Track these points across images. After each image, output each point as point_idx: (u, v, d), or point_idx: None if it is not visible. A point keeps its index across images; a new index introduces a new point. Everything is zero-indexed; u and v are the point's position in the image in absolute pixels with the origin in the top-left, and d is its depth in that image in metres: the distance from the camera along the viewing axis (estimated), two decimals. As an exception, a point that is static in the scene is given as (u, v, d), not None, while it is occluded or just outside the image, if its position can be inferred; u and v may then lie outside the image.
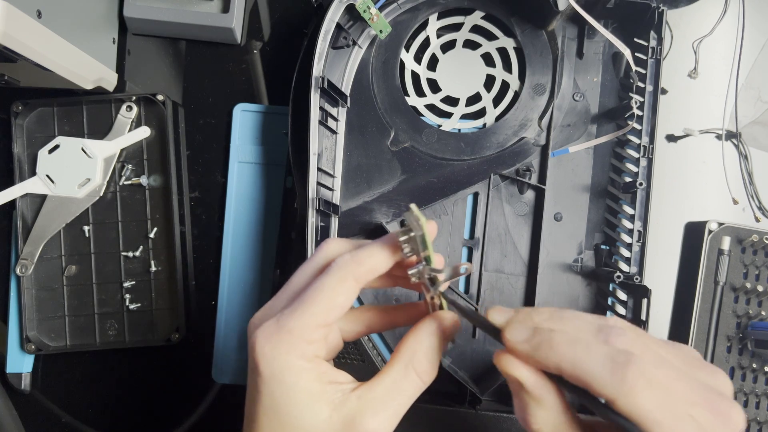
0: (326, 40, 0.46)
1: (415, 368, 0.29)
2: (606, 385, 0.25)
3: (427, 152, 0.49)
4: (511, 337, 0.27)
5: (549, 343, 0.26)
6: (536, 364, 0.27)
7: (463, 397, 0.45)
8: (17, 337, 0.51)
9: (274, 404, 0.28)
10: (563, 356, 0.26)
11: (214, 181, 0.53)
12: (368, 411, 0.28)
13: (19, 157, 0.51)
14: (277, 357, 0.28)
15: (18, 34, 0.37)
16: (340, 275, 0.29)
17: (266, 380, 0.28)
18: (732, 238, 0.49)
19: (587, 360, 0.25)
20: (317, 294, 0.29)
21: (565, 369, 0.26)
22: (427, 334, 0.30)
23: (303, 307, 0.28)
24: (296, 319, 0.28)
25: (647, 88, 0.47)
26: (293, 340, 0.28)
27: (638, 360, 0.25)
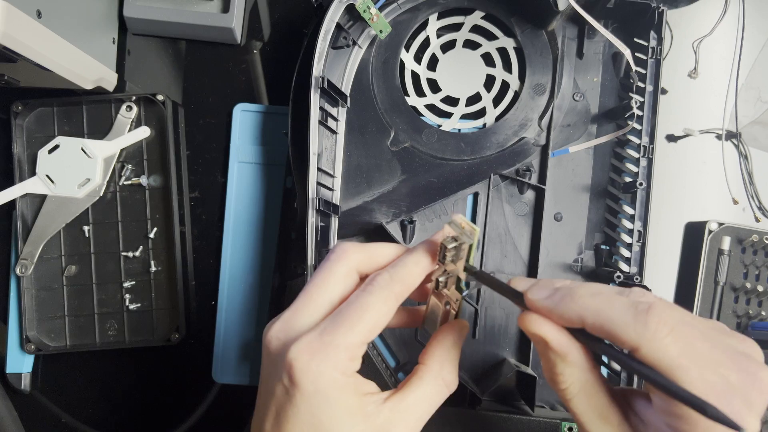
0: (326, 40, 0.46)
1: (444, 378, 0.31)
2: (629, 331, 0.25)
3: (427, 152, 0.49)
4: (533, 296, 0.28)
5: (571, 296, 0.27)
6: (559, 319, 0.27)
7: (463, 397, 0.45)
8: (17, 337, 0.51)
9: (314, 420, 0.28)
10: (585, 306, 0.26)
11: (214, 181, 0.53)
12: (401, 421, 0.29)
13: (18, 157, 0.51)
14: (324, 372, 0.28)
15: (18, 34, 0.37)
16: (384, 295, 0.29)
17: (307, 396, 0.28)
18: (732, 238, 0.49)
19: (609, 307, 0.25)
20: (363, 313, 0.29)
21: (587, 318, 0.26)
22: (451, 345, 0.31)
23: (348, 323, 0.29)
24: (342, 335, 0.28)
25: (647, 88, 0.47)
26: (339, 356, 0.28)
27: (660, 306, 0.25)
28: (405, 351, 0.49)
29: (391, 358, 0.49)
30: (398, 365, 0.49)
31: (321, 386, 0.28)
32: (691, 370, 0.24)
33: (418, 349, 0.49)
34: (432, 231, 0.49)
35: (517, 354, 0.48)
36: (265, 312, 0.51)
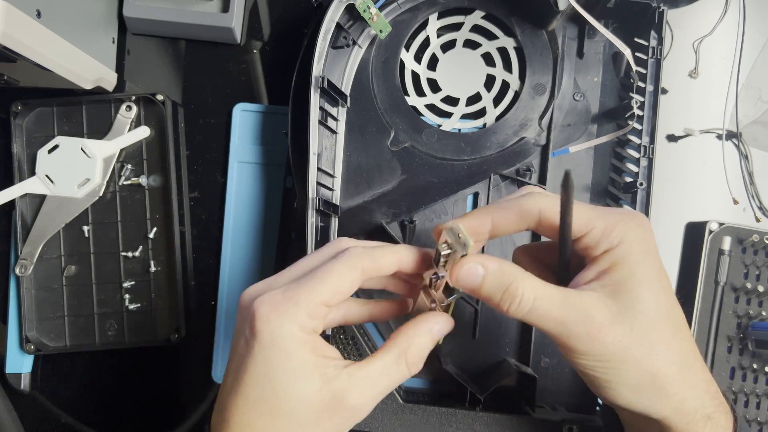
0: (326, 39, 0.46)
1: (406, 359, 0.31)
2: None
3: (427, 152, 0.49)
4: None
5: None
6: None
7: (463, 397, 0.45)
8: (17, 338, 0.51)
9: (268, 371, 0.29)
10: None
11: (214, 181, 0.53)
12: (356, 389, 0.30)
13: (18, 157, 0.51)
14: (282, 325, 0.29)
15: (18, 34, 0.37)
16: (351, 263, 0.31)
17: (265, 346, 0.29)
18: (732, 238, 0.49)
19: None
20: (326, 275, 0.30)
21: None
22: (424, 330, 0.32)
23: (311, 283, 0.30)
24: (304, 292, 0.30)
25: (647, 88, 0.47)
26: (299, 311, 0.29)
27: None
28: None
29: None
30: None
31: (278, 337, 0.29)
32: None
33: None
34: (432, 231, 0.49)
35: (517, 354, 0.48)
36: (265, 312, 0.51)
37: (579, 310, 0.29)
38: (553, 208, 0.31)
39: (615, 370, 0.30)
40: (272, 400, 0.29)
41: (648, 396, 0.30)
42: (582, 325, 0.29)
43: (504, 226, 0.32)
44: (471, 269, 0.30)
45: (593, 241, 0.31)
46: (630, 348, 0.30)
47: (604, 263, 0.30)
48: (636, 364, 0.30)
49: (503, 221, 0.32)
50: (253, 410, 0.30)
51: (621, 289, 0.30)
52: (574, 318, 0.29)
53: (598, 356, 0.30)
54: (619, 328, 0.29)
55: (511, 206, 0.32)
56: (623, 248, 0.30)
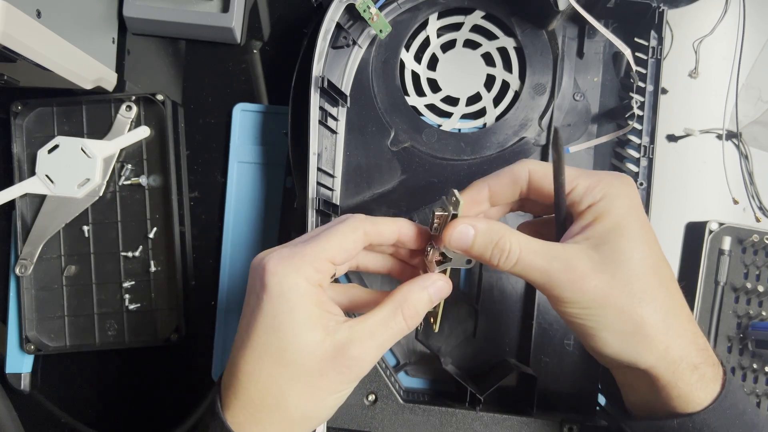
0: (326, 39, 0.46)
1: (403, 312, 0.32)
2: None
3: (427, 152, 0.49)
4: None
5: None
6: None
7: (463, 397, 0.45)
8: (17, 338, 0.51)
9: (275, 320, 0.31)
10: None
11: (213, 181, 0.53)
12: (357, 340, 0.31)
13: (18, 157, 0.51)
14: (288, 275, 0.31)
15: (18, 34, 0.37)
16: (353, 225, 0.33)
17: (272, 296, 0.31)
18: (732, 238, 0.49)
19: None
20: (330, 235, 0.32)
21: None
22: (419, 287, 0.33)
23: (316, 241, 0.32)
24: (309, 248, 0.32)
25: (648, 88, 0.47)
26: (304, 263, 0.31)
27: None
28: (405, 351, 0.49)
29: (391, 357, 0.49)
30: (398, 365, 0.49)
31: (285, 288, 0.31)
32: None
33: (419, 349, 0.49)
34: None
35: (517, 354, 0.48)
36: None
37: (562, 260, 0.31)
38: (540, 169, 0.34)
39: (598, 317, 0.31)
40: (278, 350, 0.31)
41: (633, 344, 0.32)
42: (564, 273, 0.31)
43: (499, 191, 0.35)
44: (462, 230, 0.32)
45: (577, 197, 0.33)
46: (611, 295, 0.31)
47: (588, 217, 0.32)
48: (619, 311, 0.31)
49: (498, 186, 0.35)
50: (260, 360, 0.31)
51: (603, 240, 0.32)
52: (557, 267, 0.31)
53: (581, 303, 0.31)
54: (600, 275, 0.31)
55: (503, 172, 0.35)
56: (606, 203, 0.32)
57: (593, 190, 0.33)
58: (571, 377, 0.48)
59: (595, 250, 0.31)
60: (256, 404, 0.31)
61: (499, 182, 0.35)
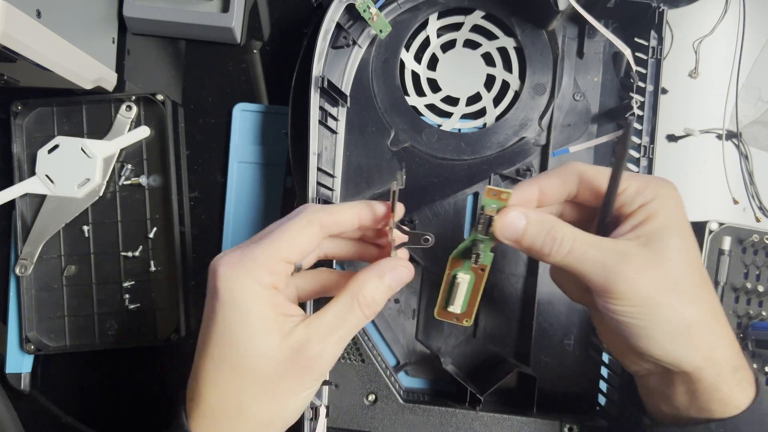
0: (326, 39, 0.46)
1: (359, 303, 0.32)
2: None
3: (427, 152, 0.49)
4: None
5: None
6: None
7: (463, 397, 0.45)
8: (17, 338, 0.51)
9: (228, 328, 0.30)
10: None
11: (213, 181, 0.53)
12: (314, 339, 0.30)
13: (18, 157, 0.51)
14: (237, 280, 0.30)
15: (18, 34, 0.37)
16: (307, 219, 0.32)
17: (223, 303, 0.30)
18: (732, 239, 0.49)
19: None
20: (283, 232, 0.31)
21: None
22: (376, 275, 0.33)
23: (267, 241, 0.31)
24: (260, 249, 0.31)
25: (648, 88, 0.47)
26: (255, 266, 0.30)
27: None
28: (405, 351, 0.49)
29: (391, 356, 0.49)
30: (398, 365, 0.49)
31: (236, 294, 0.30)
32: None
33: (419, 349, 0.49)
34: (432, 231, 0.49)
35: (517, 354, 0.48)
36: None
37: (617, 253, 0.31)
38: (591, 171, 0.34)
39: (651, 315, 0.31)
40: (234, 357, 0.30)
41: (682, 344, 0.31)
42: (620, 266, 0.30)
43: (550, 192, 0.34)
44: (514, 218, 0.32)
45: (629, 198, 0.33)
46: (664, 293, 0.31)
47: (639, 217, 0.32)
48: (671, 310, 0.31)
49: (548, 187, 0.34)
50: (218, 368, 0.30)
51: (654, 238, 0.31)
52: (612, 259, 0.31)
53: (634, 299, 0.31)
54: (652, 271, 0.31)
55: (552, 173, 0.35)
56: (656, 203, 0.32)
57: (644, 191, 0.33)
58: (571, 377, 0.48)
59: (646, 247, 0.31)
60: (218, 413, 0.31)
61: (550, 183, 0.35)
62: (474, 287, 0.37)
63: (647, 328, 0.31)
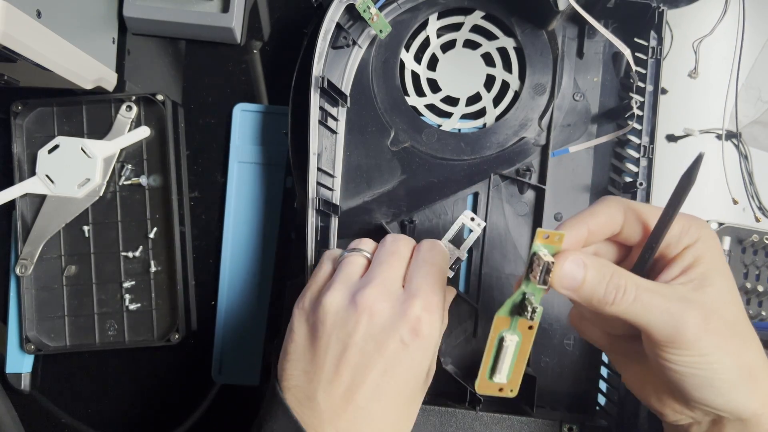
0: (326, 39, 0.46)
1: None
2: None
3: (427, 152, 0.49)
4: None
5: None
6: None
7: (463, 397, 0.45)
8: (17, 337, 0.51)
9: (421, 367, 0.36)
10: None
11: (214, 181, 0.53)
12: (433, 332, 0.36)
13: (18, 157, 0.51)
14: (437, 325, 0.36)
15: (18, 34, 0.37)
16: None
17: (424, 346, 0.35)
18: (732, 239, 0.49)
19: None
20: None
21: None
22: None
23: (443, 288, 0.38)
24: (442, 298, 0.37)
25: (647, 88, 0.47)
26: (443, 316, 0.38)
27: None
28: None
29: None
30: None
31: (433, 339, 0.35)
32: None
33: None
34: (432, 231, 0.49)
35: (517, 354, 0.48)
36: (265, 312, 0.51)
37: (681, 299, 0.29)
38: (638, 206, 0.32)
39: (717, 363, 0.29)
40: (412, 391, 0.36)
41: (746, 390, 0.30)
42: (685, 314, 0.29)
43: (597, 231, 0.32)
44: (573, 266, 0.29)
45: (674, 238, 0.31)
46: (728, 339, 0.29)
47: (687, 259, 0.31)
48: (736, 356, 0.29)
49: (596, 226, 0.32)
50: (395, 400, 0.35)
51: (707, 282, 0.30)
52: (678, 307, 0.29)
53: (702, 348, 0.29)
54: (715, 317, 0.29)
55: (598, 209, 0.32)
56: (702, 245, 0.31)
57: (689, 231, 0.31)
58: (571, 377, 0.48)
59: (701, 292, 0.29)
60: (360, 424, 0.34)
61: (597, 221, 0.32)
62: (522, 350, 0.32)
63: (711, 378, 0.29)
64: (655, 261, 0.32)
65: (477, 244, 0.48)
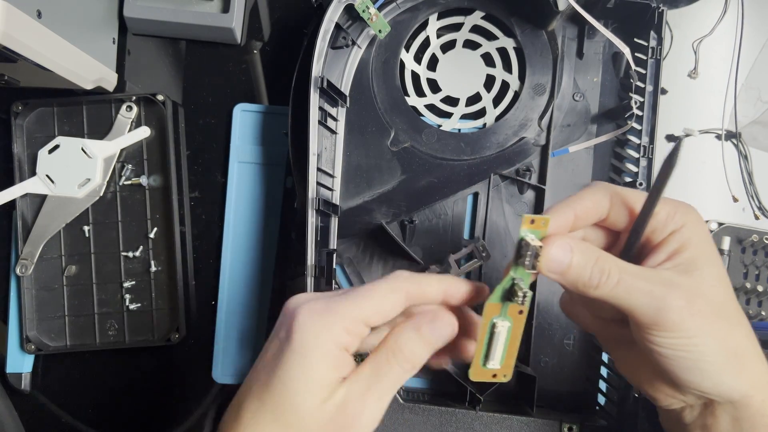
0: (325, 39, 0.46)
1: (394, 354, 0.30)
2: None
3: (427, 152, 0.49)
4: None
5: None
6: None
7: (463, 397, 0.45)
8: (17, 337, 0.51)
9: (288, 378, 0.29)
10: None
11: (214, 181, 0.53)
12: (352, 398, 0.29)
13: (19, 157, 0.51)
14: (316, 336, 0.29)
15: (18, 34, 0.37)
16: (395, 284, 0.31)
17: (293, 352, 0.29)
18: (732, 238, 0.49)
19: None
20: (369, 293, 0.30)
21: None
22: (409, 328, 0.31)
23: (353, 297, 0.30)
24: (345, 306, 0.30)
25: (647, 88, 0.47)
26: (335, 323, 0.29)
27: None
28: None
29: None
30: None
31: (309, 349, 0.29)
32: None
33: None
34: (432, 231, 0.49)
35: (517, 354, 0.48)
36: (265, 312, 0.51)
37: (663, 283, 0.29)
38: (623, 191, 0.32)
39: (702, 346, 0.29)
40: (280, 407, 0.29)
41: (731, 372, 0.30)
42: (669, 297, 0.29)
43: (583, 216, 0.32)
44: (560, 249, 0.29)
45: (660, 223, 0.31)
46: (714, 321, 0.29)
47: (673, 244, 0.31)
48: (721, 338, 0.29)
49: (582, 210, 0.32)
50: (260, 411, 0.30)
51: (693, 266, 0.30)
52: (660, 290, 0.29)
53: (685, 330, 0.29)
54: (701, 300, 0.29)
55: (585, 194, 0.32)
56: (688, 230, 0.31)
57: (674, 216, 0.31)
58: (571, 377, 0.48)
59: (687, 275, 0.30)
60: None
61: (584, 205, 0.32)
62: (513, 335, 0.32)
63: (697, 360, 0.29)
64: (642, 246, 0.32)
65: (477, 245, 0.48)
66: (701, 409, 0.32)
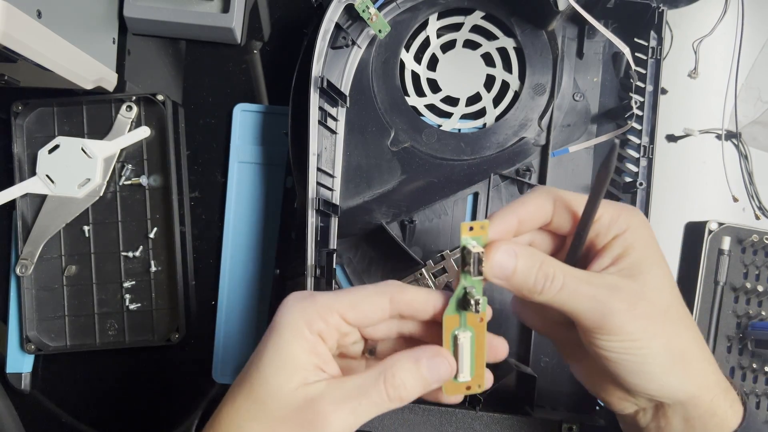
0: (325, 39, 0.46)
1: (385, 381, 0.30)
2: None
3: (427, 152, 0.49)
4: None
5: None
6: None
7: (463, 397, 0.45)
8: (17, 337, 0.51)
9: (265, 352, 0.30)
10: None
11: (214, 181, 0.53)
12: (328, 397, 0.29)
13: (19, 157, 0.51)
14: (292, 314, 0.30)
15: (18, 34, 0.37)
16: (380, 289, 0.31)
17: (272, 329, 0.30)
18: (732, 238, 0.49)
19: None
20: (352, 290, 0.32)
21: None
22: (409, 357, 0.30)
23: (336, 292, 0.31)
24: (325, 297, 0.31)
25: (647, 88, 0.47)
26: (311, 308, 0.30)
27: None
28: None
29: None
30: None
31: (284, 326, 0.30)
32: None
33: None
34: (432, 231, 0.49)
35: (517, 354, 0.48)
36: (265, 312, 0.51)
37: (608, 287, 0.30)
38: (566, 195, 0.32)
39: (647, 348, 0.30)
40: (255, 381, 0.30)
41: (678, 374, 0.30)
42: (612, 301, 0.29)
43: (527, 220, 0.32)
44: (504, 255, 0.30)
45: (603, 228, 0.31)
46: (658, 324, 0.30)
47: (617, 248, 0.31)
48: (665, 340, 0.30)
49: (525, 214, 0.32)
50: (239, 386, 0.30)
51: (637, 270, 0.30)
52: (606, 294, 0.29)
53: (628, 333, 0.29)
54: (644, 303, 0.30)
55: (527, 199, 0.32)
56: (631, 234, 0.31)
57: (617, 220, 0.31)
58: (571, 377, 0.48)
59: (631, 279, 0.30)
60: (220, 428, 0.31)
61: (527, 210, 0.32)
62: (477, 343, 0.31)
63: (642, 363, 0.30)
64: (587, 250, 0.32)
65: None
66: (654, 412, 0.33)
